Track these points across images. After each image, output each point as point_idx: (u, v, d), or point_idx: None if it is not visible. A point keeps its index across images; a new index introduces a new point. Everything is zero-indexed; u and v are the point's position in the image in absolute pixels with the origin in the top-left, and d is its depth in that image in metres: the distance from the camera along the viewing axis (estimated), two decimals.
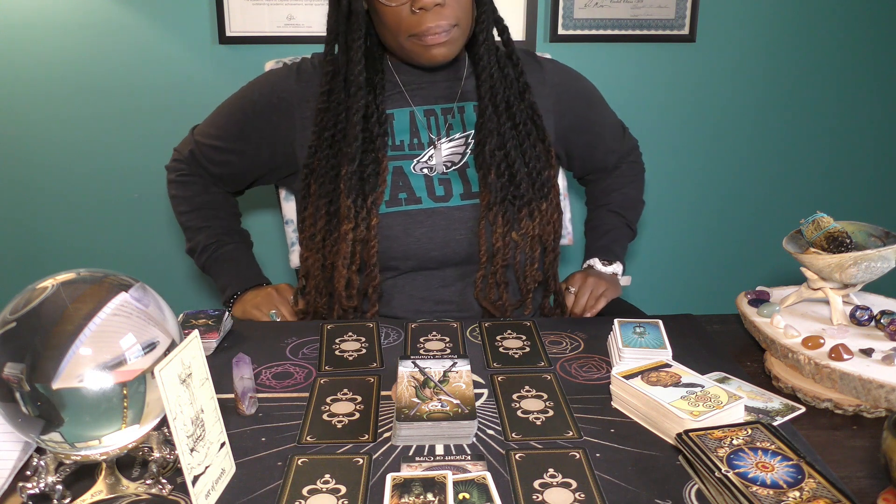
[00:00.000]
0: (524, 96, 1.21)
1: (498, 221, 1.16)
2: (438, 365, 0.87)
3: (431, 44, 1.11)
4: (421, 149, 1.20)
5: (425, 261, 1.18)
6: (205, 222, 1.32)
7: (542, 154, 1.22)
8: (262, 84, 1.26)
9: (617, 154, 1.41)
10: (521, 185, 1.18)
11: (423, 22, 1.09)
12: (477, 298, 1.20)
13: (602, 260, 1.34)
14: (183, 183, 1.33)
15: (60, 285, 0.66)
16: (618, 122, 1.41)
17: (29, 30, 1.93)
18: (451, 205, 1.18)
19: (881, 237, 0.98)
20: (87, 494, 0.69)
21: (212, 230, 1.32)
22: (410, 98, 1.22)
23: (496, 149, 1.17)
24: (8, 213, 2.09)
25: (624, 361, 0.91)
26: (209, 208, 1.33)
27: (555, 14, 1.98)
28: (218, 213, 1.33)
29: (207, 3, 1.95)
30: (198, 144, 1.30)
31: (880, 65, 2.13)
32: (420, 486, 0.67)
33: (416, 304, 1.20)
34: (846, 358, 0.86)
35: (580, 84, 1.34)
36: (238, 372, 0.83)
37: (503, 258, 1.17)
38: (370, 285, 1.16)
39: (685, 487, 0.70)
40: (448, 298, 1.20)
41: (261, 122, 1.23)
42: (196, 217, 1.32)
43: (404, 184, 1.18)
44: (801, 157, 2.20)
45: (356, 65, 1.15)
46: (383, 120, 1.18)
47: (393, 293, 1.20)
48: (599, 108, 1.36)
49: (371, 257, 1.15)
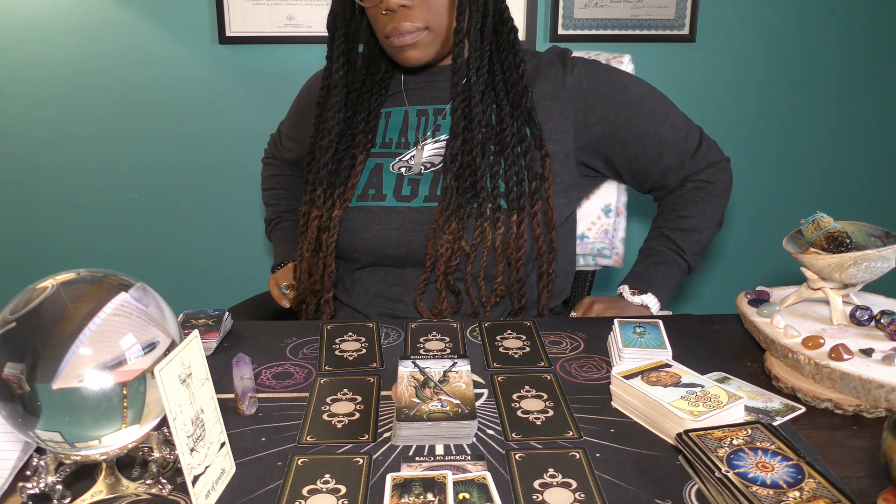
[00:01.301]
0: (521, 101, 1.17)
1: (449, 228, 1.12)
2: (438, 365, 0.87)
3: (398, 45, 1.13)
4: (406, 148, 1.21)
5: (381, 257, 1.19)
6: (274, 199, 1.52)
7: (533, 163, 1.16)
8: (308, 81, 1.39)
9: (679, 172, 1.26)
10: (483, 193, 1.13)
11: (390, 22, 1.12)
12: (414, 301, 1.17)
13: (632, 288, 1.21)
14: (266, 164, 1.55)
15: (60, 285, 0.66)
16: (682, 137, 1.25)
17: (29, 30, 1.94)
18: (412, 205, 1.17)
19: (881, 237, 0.98)
20: (87, 494, 0.69)
21: (276, 207, 1.51)
22: (408, 98, 1.24)
23: (459, 154, 1.15)
24: (8, 212, 2.09)
25: (624, 361, 0.91)
26: (279, 188, 1.52)
27: (555, 14, 1.98)
28: (286, 194, 1.51)
29: (207, 3, 1.95)
30: (278, 132, 1.51)
31: (880, 65, 2.13)
32: (420, 486, 0.67)
33: (370, 298, 1.22)
34: (846, 358, 0.86)
35: (623, 90, 1.21)
36: (238, 372, 0.83)
37: (446, 265, 1.13)
38: (325, 273, 1.21)
39: (685, 487, 0.70)
40: (397, 297, 1.20)
41: (305, 116, 1.34)
42: (269, 195, 1.53)
43: (377, 180, 1.20)
44: (801, 157, 2.20)
45: (335, 63, 1.21)
46: (372, 118, 1.23)
47: (354, 284, 1.24)
48: (650, 118, 1.22)
49: (328, 246, 1.19)
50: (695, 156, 1.26)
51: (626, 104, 1.21)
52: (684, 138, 1.25)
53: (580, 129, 1.21)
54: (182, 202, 2.13)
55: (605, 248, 1.49)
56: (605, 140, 1.22)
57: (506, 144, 1.16)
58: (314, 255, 1.22)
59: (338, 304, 1.27)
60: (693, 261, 1.25)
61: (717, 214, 1.27)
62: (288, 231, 1.47)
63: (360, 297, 1.23)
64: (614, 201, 1.47)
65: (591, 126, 1.21)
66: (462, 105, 1.15)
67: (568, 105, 1.20)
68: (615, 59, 1.45)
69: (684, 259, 1.24)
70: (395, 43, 1.13)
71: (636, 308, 1.20)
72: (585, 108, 1.20)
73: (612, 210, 1.47)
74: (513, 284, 1.16)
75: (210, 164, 2.09)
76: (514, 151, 1.16)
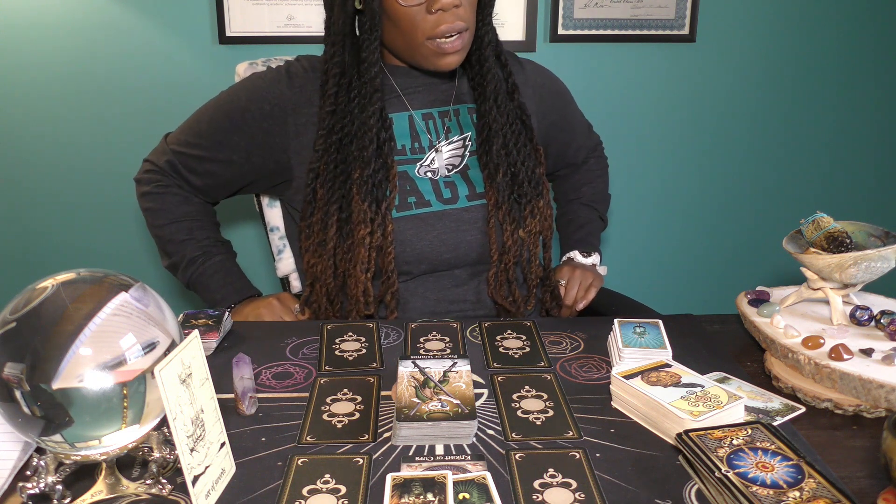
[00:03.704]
0: (513, 96, 1.24)
1: (507, 220, 1.18)
2: (438, 365, 0.87)
3: (450, 50, 1.10)
4: (422, 153, 1.20)
5: (437, 263, 1.18)
6: (188, 234, 1.25)
7: (532, 153, 1.25)
8: (249, 90, 1.20)
9: (586, 149, 1.47)
10: (524, 184, 1.21)
11: (441, 22, 1.08)
12: (491, 296, 1.21)
13: (582, 252, 1.39)
14: (160, 194, 1.24)
15: (60, 285, 0.66)
16: (585, 119, 1.46)
17: (29, 30, 1.93)
18: (459, 206, 1.18)
19: (881, 237, 0.98)
20: (87, 494, 0.69)
21: (196, 242, 1.25)
22: (409, 102, 1.21)
23: (501, 149, 1.19)
24: (8, 212, 2.09)
25: (624, 361, 0.91)
26: (191, 219, 1.25)
27: (555, 14, 1.98)
28: (202, 224, 1.26)
29: (207, 3, 1.95)
30: (175, 154, 1.23)
31: (880, 65, 2.13)
32: (420, 486, 0.67)
33: (431, 306, 1.19)
34: (846, 358, 0.86)
35: (558, 84, 1.38)
36: (238, 372, 0.83)
37: (513, 256, 1.20)
38: (388, 291, 1.14)
39: (685, 487, 0.70)
40: (462, 297, 1.21)
41: (252, 130, 1.18)
42: (177, 230, 1.24)
43: (412, 188, 1.17)
44: (801, 157, 2.20)
45: (372, 66, 1.12)
46: (388, 125, 1.16)
47: (408, 297, 1.19)
48: (573, 106, 1.41)
49: (388, 263, 1.13)
50: (589, 134, 1.48)
51: (563, 97, 1.38)
52: (584, 119, 1.46)
53: (540, 121, 1.32)
54: None
55: None
56: (550, 129, 1.35)
57: (516, 137, 1.23)
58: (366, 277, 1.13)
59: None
60: (606, 219, 1.50)
61: (608, 181, 1.53)
62: (227, 266, 1.26)
63: (418, 308, 1.19)
64: None
65: (544, 118, 1.33)
66: (494, 104, 1.19)
67: (532, 100, 1.30)
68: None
69: (603, 220, 1.48)
70: (447, 48, 1.10)
71: (591, 267, 1.37)
72: (540, 102, 1.32)
73: None
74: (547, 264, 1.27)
75: None
76: (523, 142, 1.23)
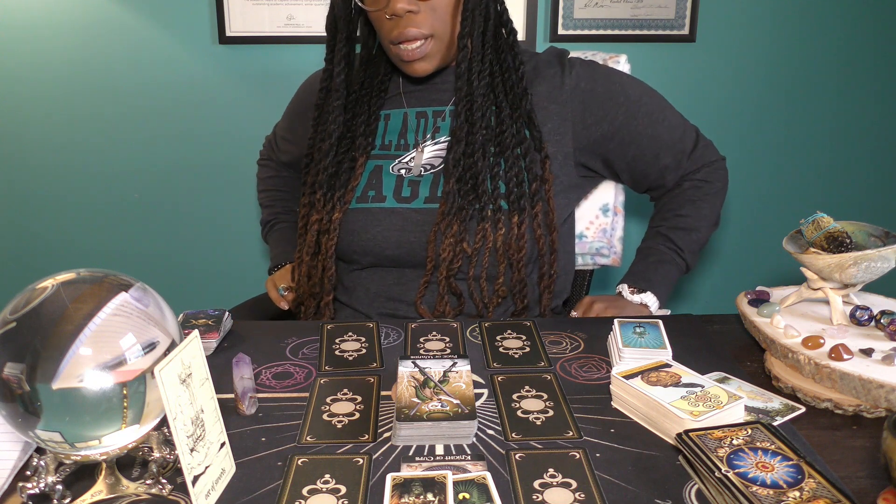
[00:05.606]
0: (520, 103, 1.17)
1: (451, 231, 1.12)
2: (438, 365, 0.87)
3: (407, 59, 1.13)
4: (406, 150, 1.21)
5: (381, 258, 1.19)
6: (270, 201, 1.51)
7: (533, 165, 1.16)
8: (306, 82, 1.38)
9: (676, 172, 1.27)
10: (484, 196, 1.13)
11: (395, 28, 1.11)
12: (415, 303, 1.17)
13: (631, 287, 1.21)
14: (262, 166, 1.55)
15: (60, 285, 0.66)
16: (679, 137, 1.26)
17: (29, 30, 1.94)
18: (412, 207, 1.17)
19: (881, 237, 0.98)
20: (87, 494, 0.69)
21: (272, 209, 1.50)
22: (407, 100, 1.24)
23: (462, 157, 1.15)
24: (8, 213, 2.09)
25: (624, 361, 0.91)
26: (275, 190, 1.51)
27: (555, 14, 1.98)
28: (282, 195, 1.51)
29: (207, 3, 1.95)
30: (273, 134, 1.50)
31: (880, 65, 2.13)
32: (420, 486, 0.67)
33: (370, 299, 1.22)
34: (846, 358, 0.86)
35: (620, 91, 1.21)
36: (238, 372, 0.83)
37: (448, 268, 1.13)
38: (325, 276, 1.21)
39: (685, 487, 0.70)
40: (398, 297, 1.20)
41: (303, 118, 1.34)
42: (265, 196, 1.52)
43: (377, 182, 1.20)
44: (801, 157, 2.20)
45: (335, 66, 1.20)
46: (371, 121, 1.23)
47: (355, 285, 1.23)
48: (648, 119, 1.22)
49: (328, 249, 1.19)
50: (691, 155, 1.27)
51: (624, 105, 1.21)
52: (681, 138, 1.26)
53: (578, 131, 1.21)
54: (182, 202, 2.13)
55: (603, 248, 1.49)
56: (603, 141, 1.22)
57: (506, 146, 1.16)
58: (314, 258, 1.22)
59: (338, 305, 1.27)
60: (691, 259, 1.26)
61: (713, 213, 1.28)
62: (285, 233, 1.46)
63: (360, 297, 1.23)
64: (612, 200, 1.47)
65: (590, 127, 1.21)
66: (464, 109, 1.15)
67: (566, 106, 1.20)
68: (611, 59, 1.45)
69: (682, 257, 1.25)
70: (403, 56, 1.13)
71: (636, 307, 1.20)
72: (584, 110, 1.20)
73: (610, 209, 1.47)
74: (514, 285, 1.16)
75: (210, 164, 2.09)
76: (513, 153, 1.16)
